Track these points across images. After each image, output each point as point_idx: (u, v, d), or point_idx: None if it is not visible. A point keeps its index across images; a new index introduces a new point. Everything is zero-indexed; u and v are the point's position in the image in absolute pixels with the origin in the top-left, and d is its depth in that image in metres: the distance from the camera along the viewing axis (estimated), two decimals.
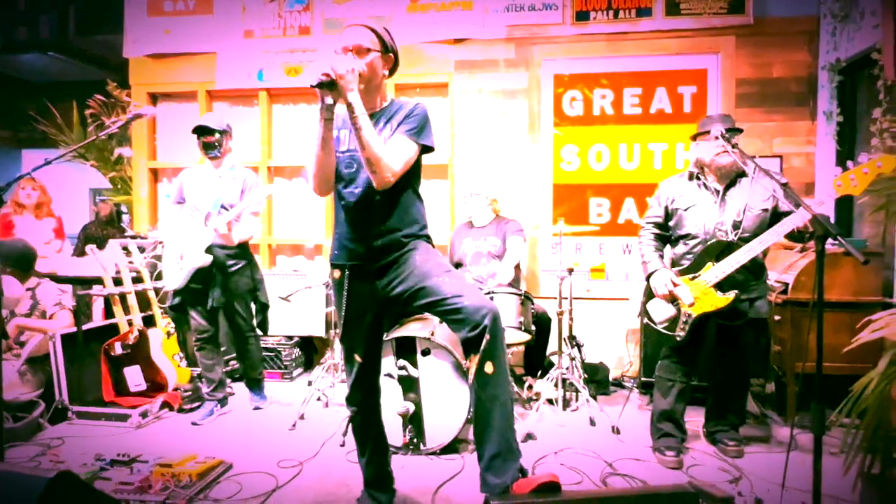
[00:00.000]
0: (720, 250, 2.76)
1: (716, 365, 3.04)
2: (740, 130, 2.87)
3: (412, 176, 2.09)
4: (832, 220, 3.89)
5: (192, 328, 3.60)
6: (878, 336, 2.12)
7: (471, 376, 1.92)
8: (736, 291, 2.73)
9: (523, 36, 4.49)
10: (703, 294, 2.77)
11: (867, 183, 2.34)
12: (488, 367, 1.89)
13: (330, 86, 1.83)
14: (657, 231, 3.03)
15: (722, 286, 2.74)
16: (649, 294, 2.96)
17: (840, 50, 3.95)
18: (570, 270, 3.67)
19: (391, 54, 2.05)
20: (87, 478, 2.58)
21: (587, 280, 4.43)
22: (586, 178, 4.48)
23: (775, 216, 2.73)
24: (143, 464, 2.72)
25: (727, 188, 2.85)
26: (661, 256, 2.98)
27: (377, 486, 2.34)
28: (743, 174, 2.83)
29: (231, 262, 3.51)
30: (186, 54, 4.92)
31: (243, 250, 3.60)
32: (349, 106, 1.85)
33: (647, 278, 2.95)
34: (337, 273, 2.12)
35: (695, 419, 3.25)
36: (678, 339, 2.85)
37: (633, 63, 4.40)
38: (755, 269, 2.80)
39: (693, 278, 2.81)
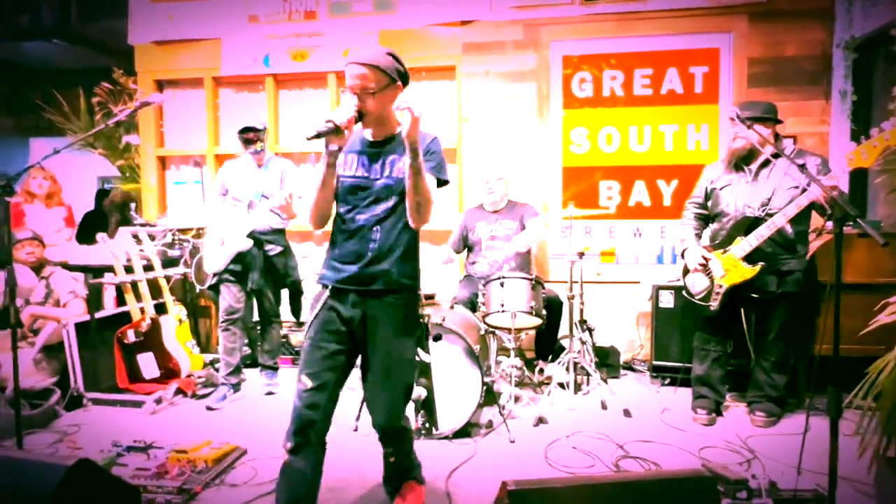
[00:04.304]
0: (748, 225, 2.98)
1: (756, 339, 3.20)
2: (767, 118, 2.97)
3: None
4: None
5: (221, 309, 3.65)
6: (895, 319, 2.10)
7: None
8: (762, 263, 2.93)
9: (531, 17, 4.41)
10: (732, 266, 3.01)
11: (877, 155, 2.40)
12: (391, 458, 2.22)
13: (336, 132, 1.78)
14: (697, 211, 3.30)
15: (751, 259, 2.95)
16: (686, 269, 3.22)
17: (855, 27, 3.87)
18: (581, 254, 3.65)
19: (399, 82, 1.92)
20: (104, 464, 2.61)
21: (597, 264, 4.41)
22: (596, 160, 4.43)
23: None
24: (159, 450, 2.75)
25: (760, 168, 3.03)
26: (699, 235, 3.25)
27: None
28: (777, 155, 2.95)
29: (270, 248, 3.68)
30: (191, 40, 4.87)
31: (281, 237, 3.76)
32: (414, 153, 1.79)
33: (682, 255, 3.25)
34: (320, 288, 2.05)
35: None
36: (712, 308, 3.09)
37: (643, 43, 4.32)
38: (785, 243, 2.98)
39: (724, 252, 3.04)
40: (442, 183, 2.01)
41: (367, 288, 1.96)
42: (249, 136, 3.59)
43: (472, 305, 3.66)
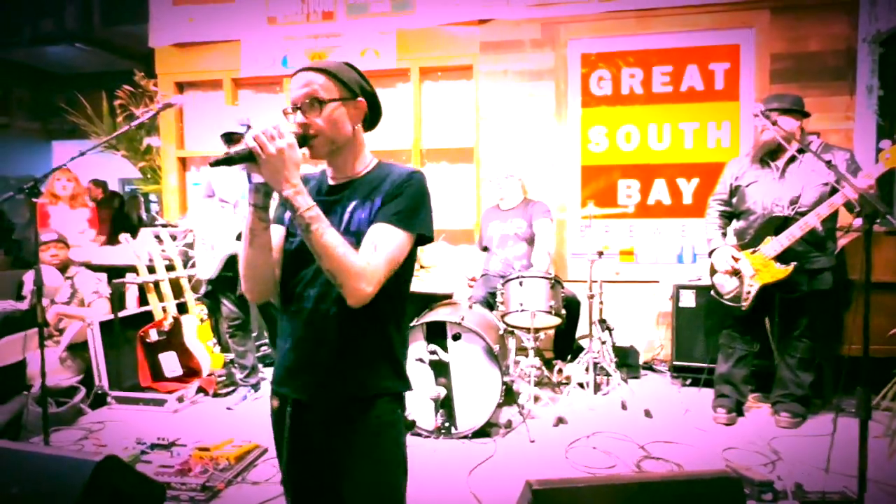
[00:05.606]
0: (778, 224, 2.92)
1: (781, 337, 3.14)
2: (794, 110, 2.94)
3: (395, 288, 1.35)
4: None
5: (223, 316, 3.65)
6: None
7: None
8: (795, 263, 2.88)
9: (549, 15, 4.39)
10: (763, 266, 2.95)
11: None
12: None
13: (249, 159, 1.20)
14: (722, 208, 3.21)
15: (782, 258, 2.90)
16: (713, 268, 3.15)
17: (881, 21, 3.80)
18: (600, 253, 3.63)
19: (361, 98, 1.38)
20: (128, 461, 2.64)
21: (617, 263, 4.37)
22: (615, 159, 4.40)
23: (836, 191, 2.78)
24: (182, 447, 2.79)
25: (787, 164, 2.96)
26: (725, 234, 3.14)
27: None
28: (803, 151, 2.89)
29: None
30: (211, 42, 4.93)
31: None
32: (286, 202, 1.23)
33: (709, 255, 3.16)
34: (276, 402, 1.43)
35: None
36: (743, 309, 3.02)
37: (662, 40, 4.27)
38: (816, 241, 2.92)
39: (753, 252, 2.98)
40: (425, 240, 1.38)
41: (336, 398, 1.36)
42: (234, 138, 3.39)
43: (489, 304, 3.66)
